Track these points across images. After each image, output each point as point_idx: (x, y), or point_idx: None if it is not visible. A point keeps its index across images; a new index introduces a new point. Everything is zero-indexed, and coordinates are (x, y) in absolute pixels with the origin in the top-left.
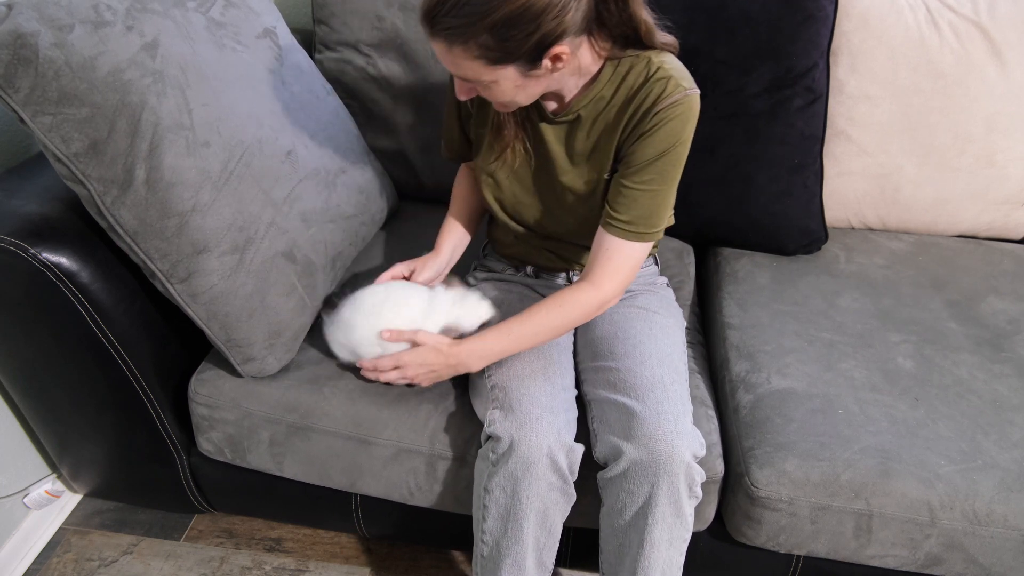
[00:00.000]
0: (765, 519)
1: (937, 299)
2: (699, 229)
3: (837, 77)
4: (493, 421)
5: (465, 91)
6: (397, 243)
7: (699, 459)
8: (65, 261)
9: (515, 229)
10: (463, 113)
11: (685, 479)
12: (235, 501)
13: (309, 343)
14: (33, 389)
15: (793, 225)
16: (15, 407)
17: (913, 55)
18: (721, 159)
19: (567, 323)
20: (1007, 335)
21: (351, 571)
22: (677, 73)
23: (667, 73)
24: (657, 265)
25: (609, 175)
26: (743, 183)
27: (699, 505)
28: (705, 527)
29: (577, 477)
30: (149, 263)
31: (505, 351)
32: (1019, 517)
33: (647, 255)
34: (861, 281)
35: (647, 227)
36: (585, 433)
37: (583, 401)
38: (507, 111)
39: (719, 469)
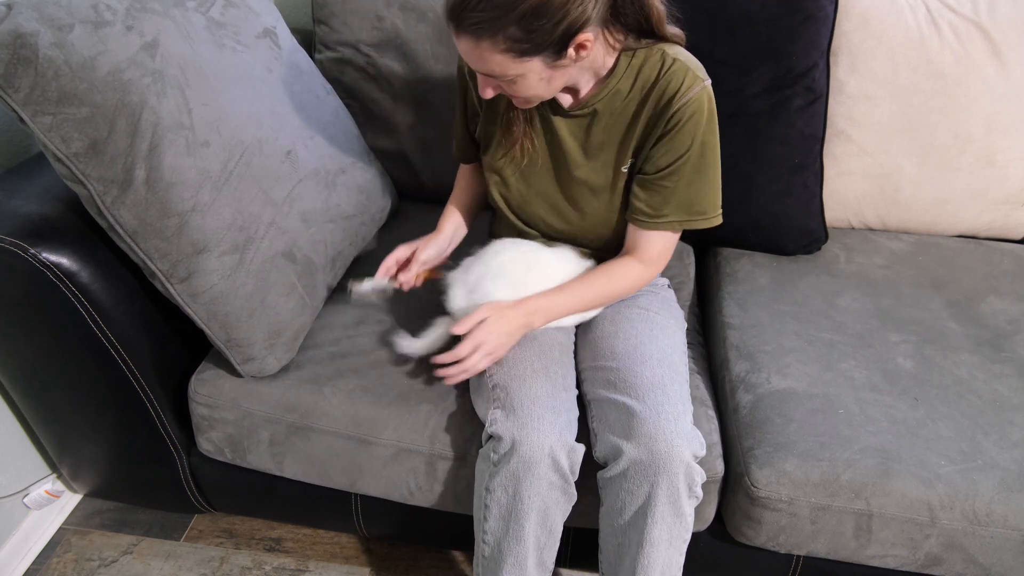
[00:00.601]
0: (765, 519)
1: (937, 299)
2: (699, 229)
3: (837, 77)
4: (495, 421)
5: (490, 88)
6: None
7: (699, 459)
8: (65, 261)
9: (520, 228)
10: (469, 112)
11: (685, 479)
12: (235, 501)
13: (309, 343)
14: (33, 389)
15: (793, 225)
16: (15, 407)
17: (913, 55)
18: (721, 159)
19: (619, 294)
20: (1007, 335)
21: (351, 571)
22: (693, 64)
23: (683, 65)
24: None
25: (627, 169)
26: (743, 183)
27: (699, 505)
28: (705, 527)
29: (578, 477)
30: (149, 263)
31: (566, 310)
32: (1019, 517)
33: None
34: (861, 281)
35: (690, 215)
36: (585, 433)
37: (583, 401)
38: (528, 107)
39: (719, 469)
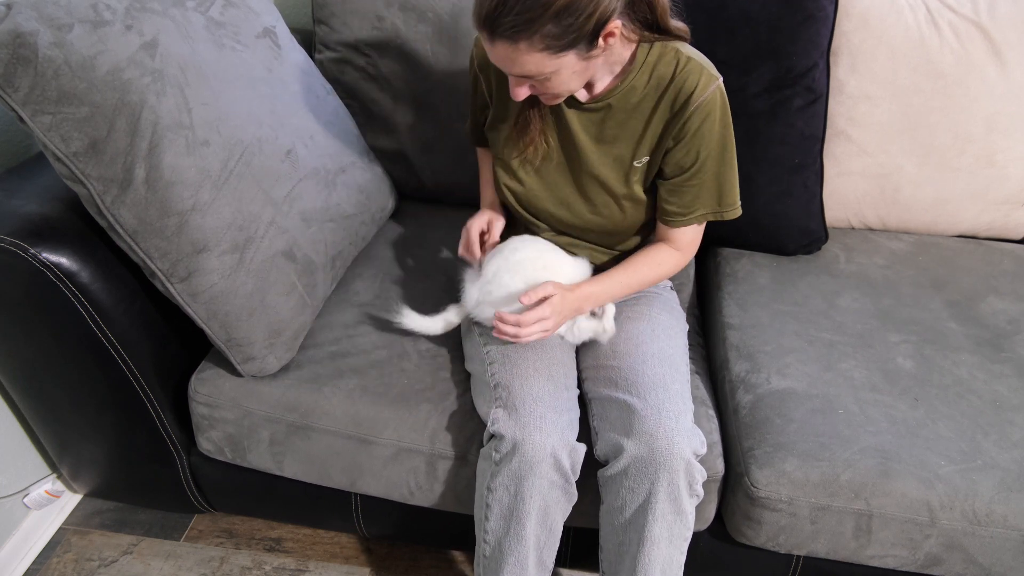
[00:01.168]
0: (765, 519)
1: (937, 299)
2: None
3: (837, 77)
4: (496, 420)
5: (523, 89)
6: (397, 243)
7: (700, 457)
8: (65, 261)
9: (527, 221)
10: (479, 104)
11: (685, 476)
12: (235, 501)
13: (309, 342)
14: (33, 389)
15: (793, 225)
16: (15, 407)
17: (913, 55)
18: None
19: (657, 278)
20: (1007, 335)
21: (351, 571)
22: (705, 63)
23: (698, 64)
24: None
25: (641, 164)
26: (743, 183)
27: (699, 505)
28: (705, 527)
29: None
30: (149, 262)
31: (611, 296)
32: (1019, 517)
33: None
34: (861, 281)
35: (720, 206)
36: (586, 431)
37: (584, 400)
38: (556, 103)
39: (719, 469)
